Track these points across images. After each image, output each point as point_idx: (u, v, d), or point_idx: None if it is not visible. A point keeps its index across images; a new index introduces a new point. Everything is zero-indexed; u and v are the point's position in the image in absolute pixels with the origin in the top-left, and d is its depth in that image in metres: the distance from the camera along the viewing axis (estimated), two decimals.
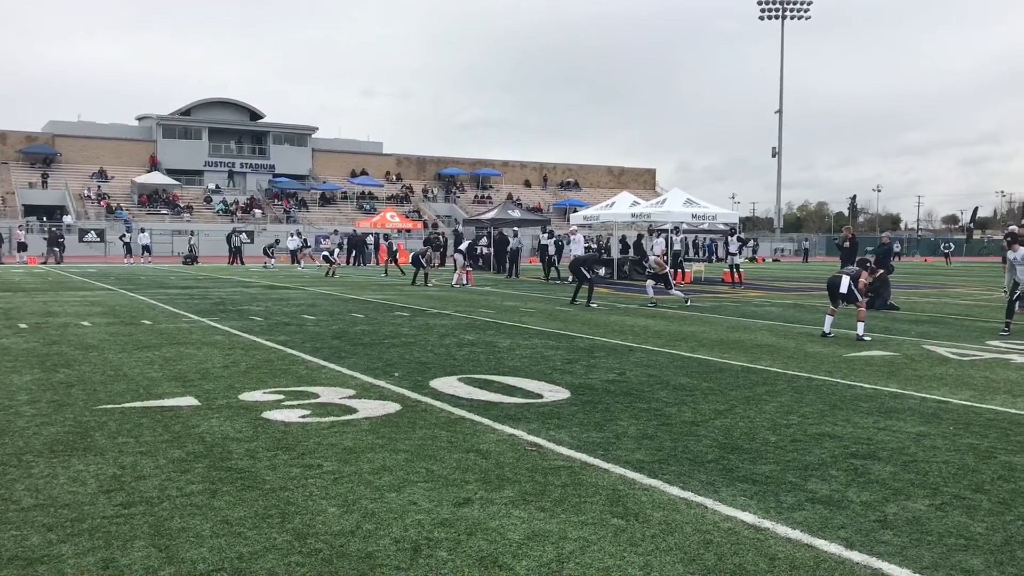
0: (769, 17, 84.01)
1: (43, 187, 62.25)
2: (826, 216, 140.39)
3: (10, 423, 6.57)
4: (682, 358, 10.51)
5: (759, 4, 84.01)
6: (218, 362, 9.73)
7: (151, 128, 70.63)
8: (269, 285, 25.11)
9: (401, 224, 53.33)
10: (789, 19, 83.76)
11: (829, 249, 72.70)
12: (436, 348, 11.15)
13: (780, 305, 19.53)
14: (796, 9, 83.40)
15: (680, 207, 28.73)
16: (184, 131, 71.10)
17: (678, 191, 31.01)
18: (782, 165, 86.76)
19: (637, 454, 5.82)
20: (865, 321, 12.83)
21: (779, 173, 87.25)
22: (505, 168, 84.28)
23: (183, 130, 71.11)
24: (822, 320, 13.06)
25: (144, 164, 68.18)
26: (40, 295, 20.09)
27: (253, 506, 4.65)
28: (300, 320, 14.62)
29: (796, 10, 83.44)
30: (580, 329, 13.62)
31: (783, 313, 17.22)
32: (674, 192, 31.06)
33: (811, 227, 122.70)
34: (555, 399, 7.72)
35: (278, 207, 67.98)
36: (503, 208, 41.29)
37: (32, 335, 12.17)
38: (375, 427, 6.54)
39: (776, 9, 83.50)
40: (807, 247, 68.02)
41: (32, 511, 4.54)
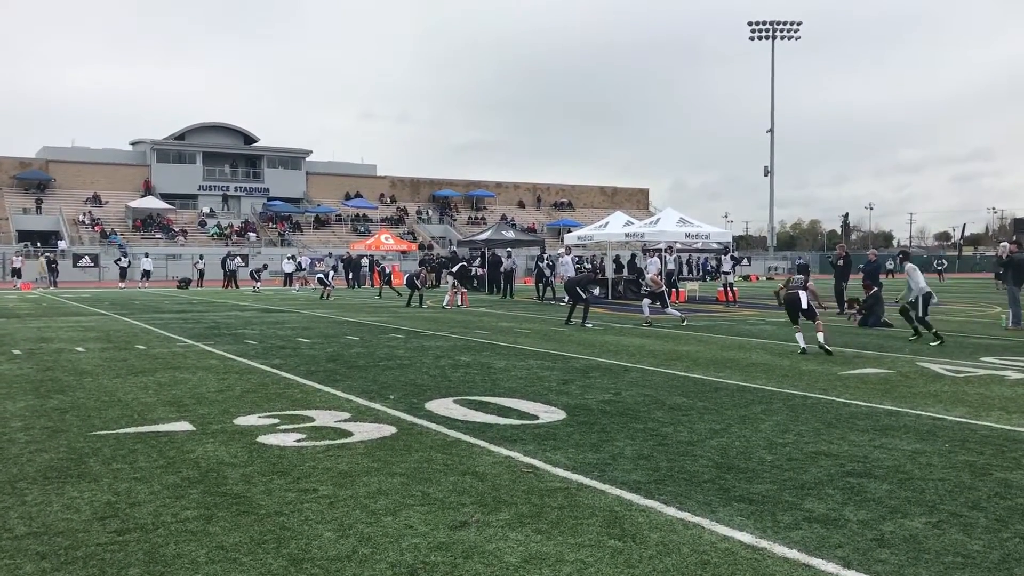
0: (759, 38, 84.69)
1: (37, 212, 62.20)
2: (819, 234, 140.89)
3: (3, 450, 6.54)
4: (678, 377, 10.51)
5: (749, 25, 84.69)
6: (213, 386, 9.70)
7: (145, 153, 70.73)
8: (264, 308, 25.07)
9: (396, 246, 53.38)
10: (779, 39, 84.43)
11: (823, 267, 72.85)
12: (431, 370, 11.13)
13: (774, 323, 19.56)
14: (786, 30, 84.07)
15: (674, 226, 28.80)
16: (178, 155, 71.19)
17: (671, 210, 31.12)
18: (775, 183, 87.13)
19: (633, 475, 5.81)
20: (825, 331, 13.22)
21: (771, 192, 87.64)
22: (499, 189, 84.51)
23: (177, 154, 71.20)
24: (816, 338, 13.07)
25: (138, 189, 68.22)
26: (34, 321, 20.04)
27: (248, 531, 4.63)
28: (295, 343, 14.60)
29: (786, 31, 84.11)
30: (575, 349, 13.62)
31: (777, 331, 17.23)
32: (667, 211, 31.16)
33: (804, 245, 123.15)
34: (551, 420, 7.71)
35: (273, 230, 68.01)
36: (497, 229, 41.35)
37: (26, 361, 12.13)
38: (370, 450, 6.52)
39: (766, 30, 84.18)
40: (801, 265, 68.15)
41: (26, 539, 4.52)
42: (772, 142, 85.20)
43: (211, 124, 73.97)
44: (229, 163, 73.51)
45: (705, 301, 29.33)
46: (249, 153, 74.46)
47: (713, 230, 30.86)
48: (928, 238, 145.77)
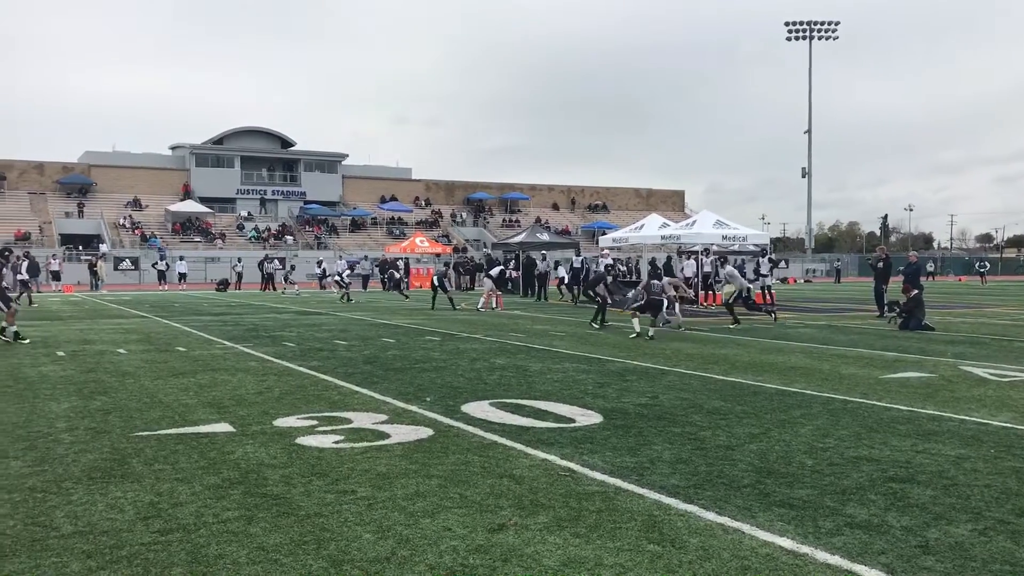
0: (797, 38, 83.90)
1: (79, 216, 63.33)
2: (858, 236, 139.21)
3: (50, 450, 6.66)
4: (715, 381, 10.43)
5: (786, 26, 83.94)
6: (252, 388, 9.80)
7: (184, 157, 71.73)
8: (301, 311, 25.29)
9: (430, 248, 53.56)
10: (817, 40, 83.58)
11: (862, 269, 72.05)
12: (467, 372, 11.15)
13: (813, 327, 19.35)
14: (823, 30, 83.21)
15: (710, 228, 28.60)
16: (217, 159, 72.11)
17: (708, 212, 30.89)
18: (812, 185, 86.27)
19: (672, 479, 5.78)
20: None
21: (809, 193, 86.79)
22: (533, 192, 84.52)
23: (216, 159, 72.12)
24: (856, 342, 12.91)
25: (177, 192, 69.18)
26: (77, 323, 20.39)
27: (289, 532, 4.66)
28: (332, 345, 14.71)
29: (823, 31, 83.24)
30: (611, 352, 13.58)
31: (816, 335, 17.05)
32: (704, 214, 30.94)
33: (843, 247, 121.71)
34: (588, 423, 7.69)
35: (309, 233, 68.61)
36: (531, 231, 41.35)
37: (70, 363, 12.34)
38: (408, 452, 6.55)
39: (803, 31, 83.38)
40: (839, 267, 67.39)
41: (72, 538, 4.59)
42: (810, 143, 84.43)
43: (249, 128, 74.82)
44: (266, 167, 74.31)
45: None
46: (286, 157, 75.20)
47: (750, 232, 30.59)
48: (969, 240, 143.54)
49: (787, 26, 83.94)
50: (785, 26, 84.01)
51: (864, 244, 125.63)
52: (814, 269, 77.89)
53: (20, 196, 64.33)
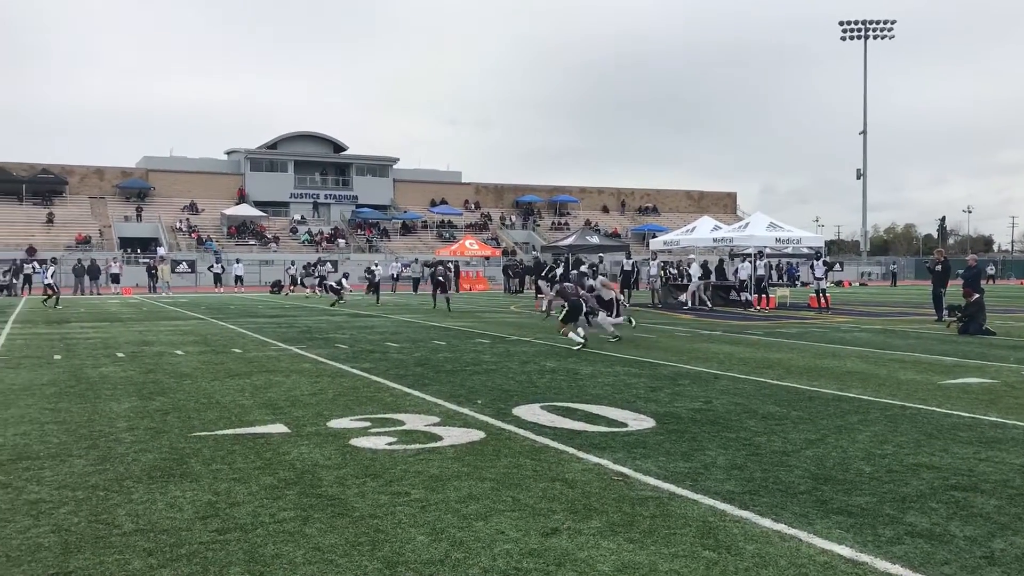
0: (852, 38, 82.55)
1: (138, 220, 64.73)
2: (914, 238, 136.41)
3: (111, 449, 6.81)
4: (769, 386, 10.29)
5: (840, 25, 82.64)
6: (306, 389, 9.92)
7: (239, 162, 72.94)
8: (353, 313, 25.54)
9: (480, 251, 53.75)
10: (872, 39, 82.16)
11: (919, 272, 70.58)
12: (518, 375, 11.16)
13: (869, 331, 18.99)
14: (879, 29, 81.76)
15: (763, 231, 28.29)
16: (271, 164, 73.21)
17: (761, 215, 30.57)
18: (868, 187, 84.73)
19: (727, 485, 5.71)
20: None
21: (864, 195, 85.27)
22: (582, 194, 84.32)
23: (270, 163, 73.22)
24: (914, 347, 12.65)
25: (233, 196, 70.35)
26: (136, 325, 20.84)
27: (344, 533, 4.71)
28: (384, 348, 14.82)
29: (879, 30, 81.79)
30: (663, 356, 13.48)
31: (873, 339, 16.74)
32: (757, 216, 30.63)
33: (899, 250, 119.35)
34: (640, 428, 7.64)
35: (361, 237, 69.29)
36: (581, 234, 41.26)
37: (129, 364, 12.62)
38: (460, 455, 6.57)
39: (858, 30, 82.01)
40: (895, 270, 66.08)
41: (133, 535, 4.69)
42: (865, 144, 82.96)
43: (302, 133, 75.82)
44: (319, 171, 75.23)
45: (796, 307, 28.70)
46: (338, 161, 76.05)
47: (804, 235, 30.20)
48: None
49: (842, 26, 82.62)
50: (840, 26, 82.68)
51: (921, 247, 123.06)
52: (869, 272, 76.52)
53: (81, 200, 65.98)
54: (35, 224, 60.42)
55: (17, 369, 11.98)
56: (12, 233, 57.79)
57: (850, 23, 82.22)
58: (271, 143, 74.46)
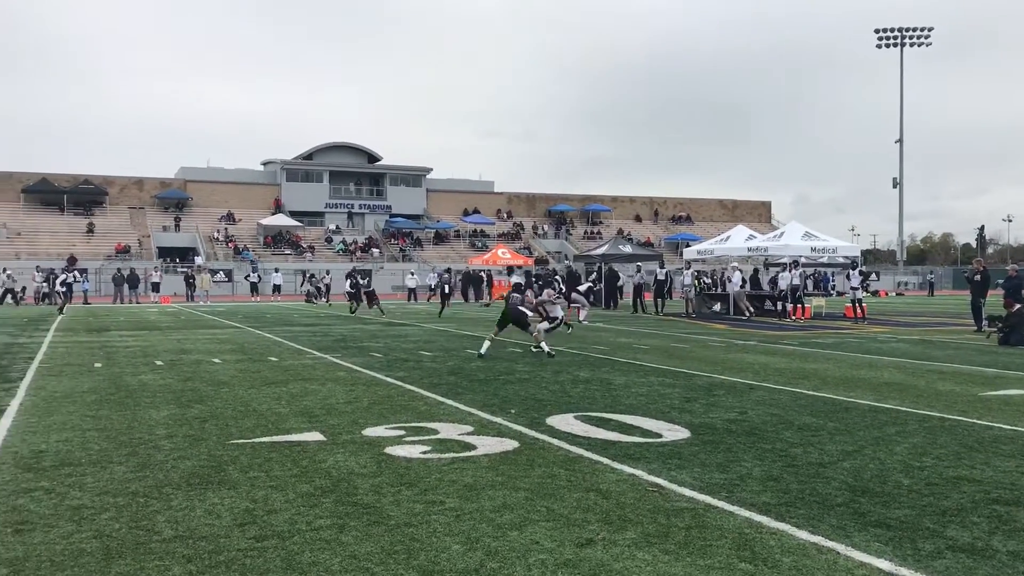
0: (887, 45, 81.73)
1: (176, 230, 65.62)
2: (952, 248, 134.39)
3: (151, 456, 6.91)
4: (805, 396, 10.20)
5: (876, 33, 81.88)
6: (341, 398, 9.99)
7: (275, 172, 73.71)
8: (387, 322, 25.68)
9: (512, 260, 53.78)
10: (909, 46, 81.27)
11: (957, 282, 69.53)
12: (551, 385, 11.16)
13: (906, 341, 18.75)
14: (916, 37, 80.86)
15: (798, 240, 28.05)
16: (306, 174, 73.89)
17: (796, 224, 30.33)
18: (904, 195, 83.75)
19: (763, 496, 5.67)
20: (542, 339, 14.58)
21: (901, 204, 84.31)
22: (615, 203, 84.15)
23: (305, 173, 73.91)
24: (953, 357, 12.47)
25: (269, 206, 71.08)
26: (174, 333, 21.11)
27: (380, 541, 4.74)
28: (418, 356, 14.89)
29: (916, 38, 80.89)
30: (698, 366, 13.41)
31: (910, 349, 16.52)
32: (792, 225, 30.38)
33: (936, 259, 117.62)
34: (675, 438, 7.60)
35: (394, 246, 69.68)
36: (614, 243, 41.16)
37: (168, 372, 12.79)
38: (494, 464, 6.59)
39: (894, 37, 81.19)
40: (932, 280, 65.17)
41: (173, 542, 4.75)
42: (901, 152, 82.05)
43: (337, 144, 76.46)
44: (354, 181, 75.81)
45: (832, 317, 28.41)
46: (372, 172, 76.58)
47: (840, 244, 29.90)
48: None
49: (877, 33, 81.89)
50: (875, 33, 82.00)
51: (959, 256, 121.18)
52: (906, 282, 75.50)
53: (121, 211, 67.03)
54: (76, 234, 61.47)
55: (59, 377, 12.19)
56: (54, 243, 58.85)
57: (886, 30, 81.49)
58: (307, 154, 75.18)
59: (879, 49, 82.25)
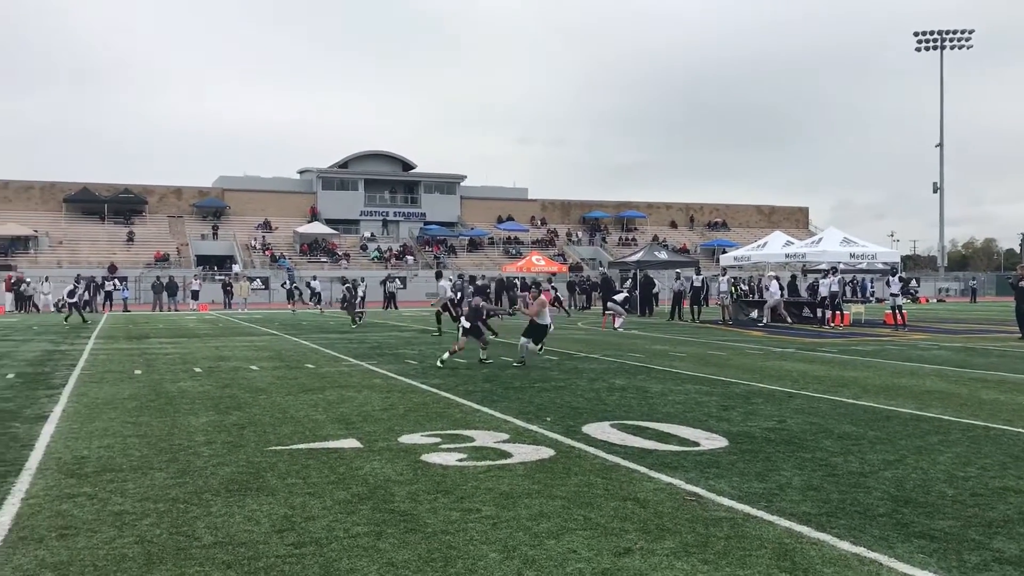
0: (927, 48, 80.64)
1: (214, 238, 66.40)
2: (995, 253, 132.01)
3: (190, 463, 6.98)
4: (845, 405, 10.06)
5: (915, 36, 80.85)
6: (377, 405, 10.04)
7: (311, 181, 74.40)
8: (422, 329, 25.76)
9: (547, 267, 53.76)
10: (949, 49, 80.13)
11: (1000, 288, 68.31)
12: (586, 393, 11.12)
13: (949, 348, 18.44)
14: (956, 39, 79.72)
15: (837, 246, 27.76)
16: (341, 183, 74.50)
17: (834, 230, 30.01)
18: (945, 200, 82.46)
19: (803, 506, 5.59)
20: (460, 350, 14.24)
21: (941, 209, 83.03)
22: (650, 210, 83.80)
23: (340, 182, 74.52)
24: (997, 365, 12.24)
25: (305, 215, 71.74)
26: (212, 340, 21.35)
27: (416, 549, 4.74)
28: (452, 363, 14.90)
29: (956, 40, 79.75)
30: (735, 374, 13.29)
31: (952, 357, 16.24)
32: (830, 231, 30.07)
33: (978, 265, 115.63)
34: (712, 447, 7.54)
35: (429, 253, 69.96)
36: (649, 250, 41.00)
37: (206, 379, 12.93)
38: (530, 472, 6.57)
39: (934, 40, 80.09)
40: (975, 286, 64.05)
41: (213, 548, 4.79)
42: (941, 157, 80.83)
43: (372, 152, 77.01)
44: (388, 189, 76.31)
45: (872, 324, 28.04)
46: (407, 179, 77.02)
47: (879, 250, 29.54)
48: None
49: (916, 36, 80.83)
50: (914, 36, 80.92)
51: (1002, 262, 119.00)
52: (947, 288, 74.33)
53: (160, 219, 68.00)
54: (116, 242, 62.45)
55: (100, 384, 12.37)
56: (95, 251, 59.85)
57: (925, 33, 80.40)
58: (342, 162, 75.78)
59: (918, 52, 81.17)
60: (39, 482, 6.34)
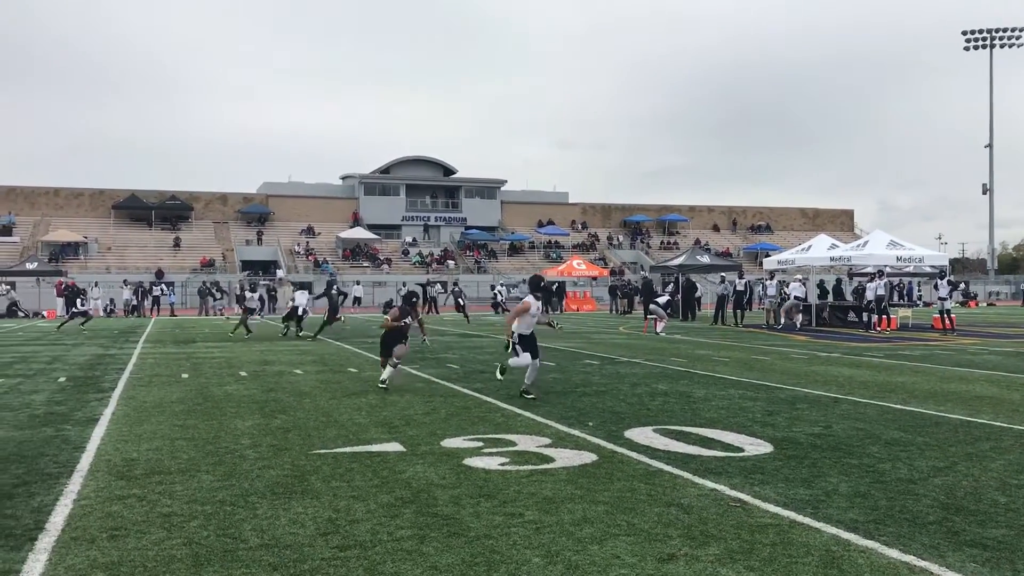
0: (975, 47, 79.19)
1: (258, 243, 67.27)
2: None
3: (236, 466, 7.07)
4: (893, 411, 9.90)
5: (963, 35, 79.43)
6: (420, 409, 10.08)
7: (354, 186, 75.07)
8: (462, 333, 25.84)
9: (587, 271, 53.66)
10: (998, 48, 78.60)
11: None
12: (628, 397, 11.06)
13: (999, 353, 18.06)
14: (1005, 38, 78.16)
15: (883, 249, 27.35)
16: (383, 188, 75.08)
17: (880, 232, 29.56)
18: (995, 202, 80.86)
19: (850, 513, 5.51)
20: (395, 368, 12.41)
21: (991, 211, 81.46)
22: (692, 213, 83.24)
23: (382, 187, 75.10)
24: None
25: (347, 220, 72.37)
26: (257, 345, 21.61)
27: (460, 553, 4.75)
28: (493, 368, 14.90)
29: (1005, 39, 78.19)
30: (779, 379, 13.14)
31: (1003, 362, 15.90)
32: (876, 234, 29.63)
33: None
34: (757, 453, 7.46)
35: (469, 258, 70.19)
36: (691, 253, 40.72)
37: (251, 382, 13.09)
38: (573, 477, 6.55)
39: (983, 39, 78.62)
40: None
41: (259, 550, 4.85)
42: (991, 158, 79.28)
43: (413, 158, 77.48)
44: (430, 194, 76.75)
45: (919, 329, 27.56)
46: (448, 184, 77.40)
47: (926, 253, 29.06)
48: None
49: (965, 35, 79.42)
50: (963, 35, 79.52)
51: None
52: (998, 292, 72.80)
53: (206, 225, 69.05)
54: (163, 248, 63.52)
55: (149, 387, 12.59)
56: (143, 257, 60.93)
57: (973, 32, 78.97)
58: (384, 168, 76.35)
59: (967, 51, 79.77)
60: (90, 484, 6.46)
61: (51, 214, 65.84)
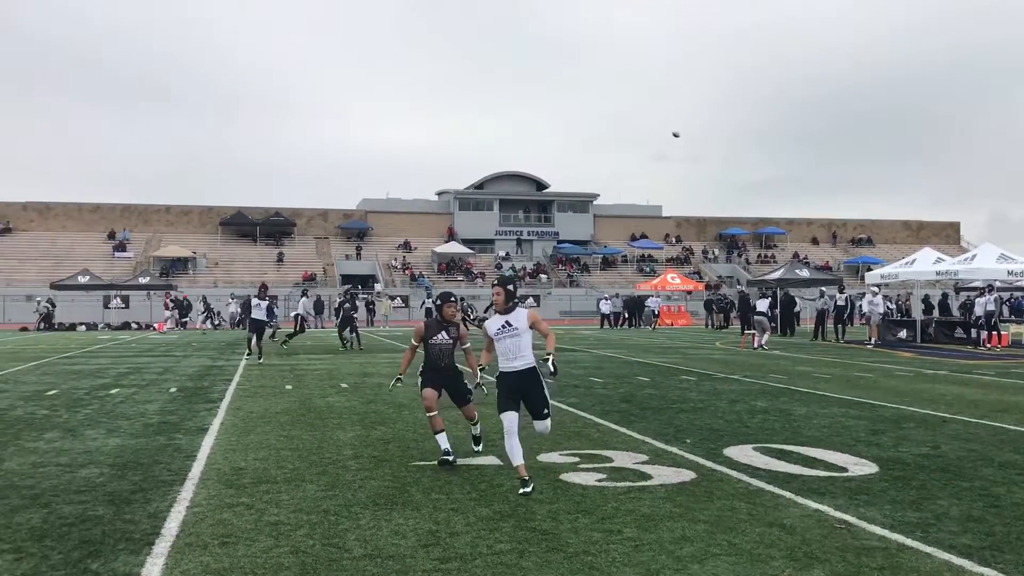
0: None
1: (357, 258, 68.82)
2: None
3: (339, 476, 7.25)
4: (1007, 432, 9.49)
5: None
6: None
7: (449, 202, 76.13)
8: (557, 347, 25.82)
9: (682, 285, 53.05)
10: None
11: None
12: (727, 415, 10.90)
13: None
14: None
15: (992, 263, 26.22)
16: (477, 203, 75.90)
17: (989, 245, 28.37)
18: None
19: (963, 538, 5.32)
20: None
21: None
22: (790, 226, 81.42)
23: (476, 202, 75.93)
24: None
25: (442, 235, 73.41)
26: (357, 357, 22.09)
27: (559, 568, 4.77)
28: (588, 382, 14.91)
29: None
30: (884, 397, 12.74)
31: None
32: (985, 247, 28.45)
33: None
34: (862, 473, 7.26)
35: (562, 272, 70.23)
36: (790, 267, 39.84)
37: (352, 394, 13.39)
38: (671, 495, 6.50)
39: None
40: None
41: (362, 560, 4.97)
42: None
43: (506, 173, 78.09)
44: (523, 209, 77.18)
45: None
46: (540, 199, 77.69)
47: None
48: None
49: None
50: None
51: None
52: None
53: (307, 241, 71.05)
54: (267, 263, 65.60)
55: (254, 398, 13.01)
56: (248, 271, 63.03)
57: None
58: (478, 183, 77.18)
59: None
60: (201, 491, 6.73)
61: (162, 231, 68.75)
